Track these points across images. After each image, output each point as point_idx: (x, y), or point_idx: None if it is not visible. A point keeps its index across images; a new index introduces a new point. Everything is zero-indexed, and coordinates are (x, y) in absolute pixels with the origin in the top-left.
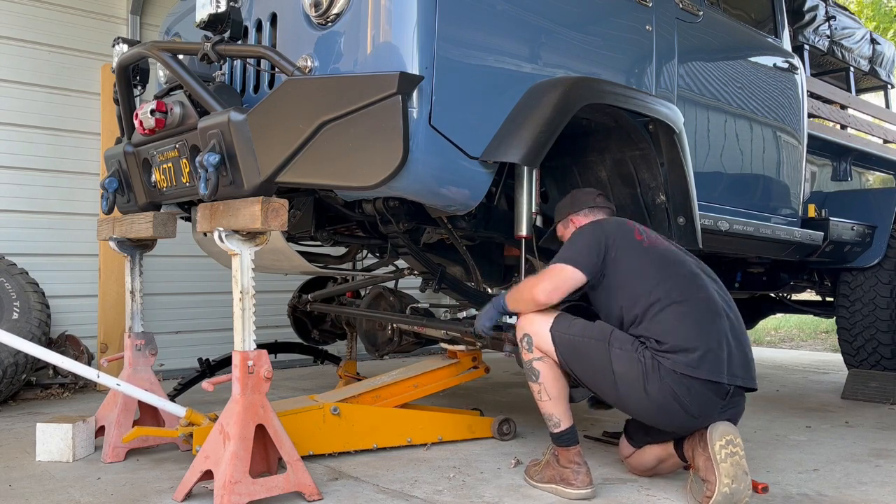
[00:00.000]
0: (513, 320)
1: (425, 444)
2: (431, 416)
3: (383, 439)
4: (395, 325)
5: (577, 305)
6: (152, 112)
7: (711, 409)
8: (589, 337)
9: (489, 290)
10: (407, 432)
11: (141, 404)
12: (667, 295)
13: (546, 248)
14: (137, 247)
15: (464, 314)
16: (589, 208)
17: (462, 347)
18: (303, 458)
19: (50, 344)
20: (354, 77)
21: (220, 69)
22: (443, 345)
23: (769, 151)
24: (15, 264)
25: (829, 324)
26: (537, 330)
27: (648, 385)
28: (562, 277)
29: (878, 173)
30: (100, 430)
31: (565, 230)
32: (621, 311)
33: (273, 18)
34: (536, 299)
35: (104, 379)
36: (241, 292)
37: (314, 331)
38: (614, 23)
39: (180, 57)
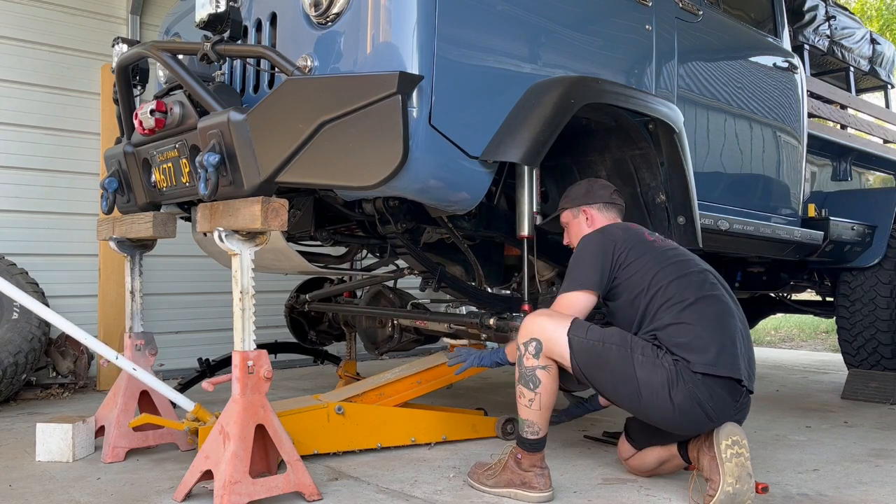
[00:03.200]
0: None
1: (429, 444)
2: (435, 416)
3: (387, 438)
4: (395, 322)
5: None
6: (152, 112)
7: (728, 411)
8: (610, 343)
9: (490, 290)
10: (411, 431)
11: (141, 403)
12: (681, 293)
13: (546, 248)
14: (137, 247)
15: (463, 310)
16: (604, 203)
17: (465, 342)
18: (307, 457)
19: (50, 344)
20: (354, 77)
21: (220, 69)
22: (446, 340)
23: (769, 151)
24: (15, 264)
25: (829, 324)
26: (550, 336)
27: (674, 392)
28: (575, 310)
29: (878, 173)
30: (100, 430)
31: (574, 219)
32: (637, 309)
33: (273, 18)
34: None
35: (122, 362)
36: (241, 292)
37: (311, 332)
38: (614, 22)
39: (180, 57)
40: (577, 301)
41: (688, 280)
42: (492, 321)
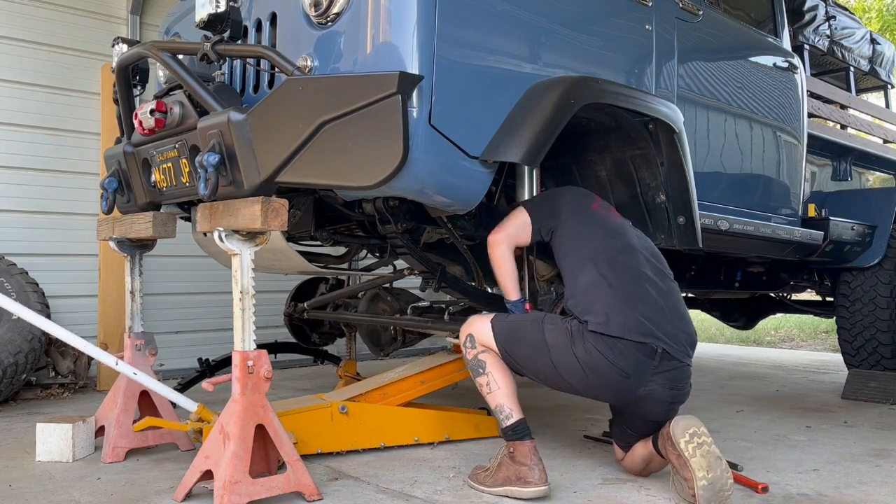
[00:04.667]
0: None
1: (432, 443)
2: (438, 415)
3: (391, 438)
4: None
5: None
6: (152, 112)
7: (643, 368)
8: (525, 321)
9: (490, 290)
10: (414, 431)
11: (141, 404)
12: (593, 257)
13: (545, 249)
14: (137, 247)
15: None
16: None
17: None
18: (308, 457)
19: (50, 344)
20: (354, 77)
21: (220, 69)
22: (448, 339)
23: (769, 151)
24: (15, 264)
25: (829, 324)
26: (478, 327)
27: (576, 348)
28: (512, 220)
29: (878, 173)
30: (100, 430)
31: None
32: (560, 264)
33: (273, 18)
34: (490, 239)
35: (122, 367)
36: (241, 292)
37: (314, 335)
38: (614, 22)
39: (180, 57)
40: (519, 215)
41: (605, 248)
42: None
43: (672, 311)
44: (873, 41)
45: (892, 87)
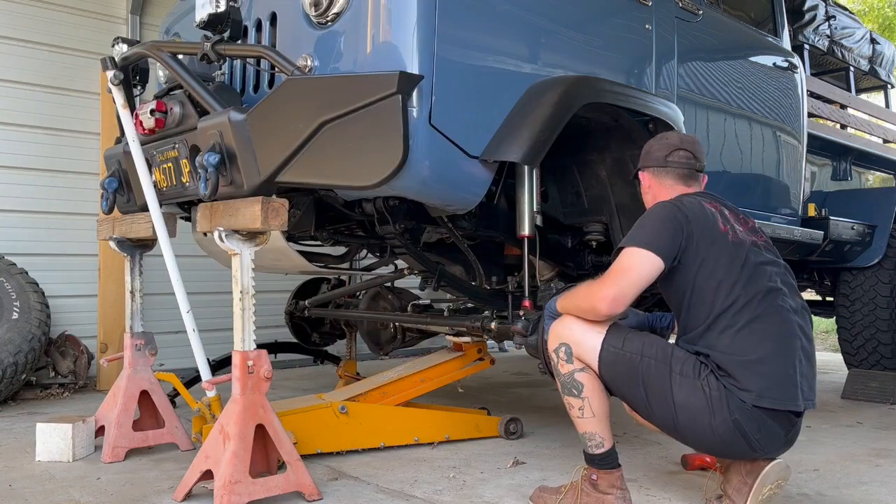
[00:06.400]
0: None
1: (432, 443)
2: (439, 415)
3: (391, 438)
4: (396, 323)
5: None
6: (152, 112)
7: (776, 444)
8: (648, 357)
9: (488, 288)
10: (414, 431)
11: (141, 403)
12: (741, 311)
13: (546, 248)
14: (137, 247)
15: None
16: (658, 167)
17: (468, 339)
18: (308, 457)
19: (50, 344)
20: (354, 76)
21: (220, 69)
22: (448, 337)
23: (769, 151)
24: (15, 264)
25: (829, 324)
26: (580, 340)
27: (715, 420)
28: (633, 276)
29: (878, 173)
30: (100, 430)
31: (642, 184)
32: (688, 312)
33: (273, 18)
34: (598, 310)
35: None
36: (241, 292)
37: (314, 334)
38: (614, 22)
39: (180, 57)
40: (640, 261)
41: (752, 293)
42: (493, 325)
43: (811, 357)
44: (873, 41)
45: (892, 86)
